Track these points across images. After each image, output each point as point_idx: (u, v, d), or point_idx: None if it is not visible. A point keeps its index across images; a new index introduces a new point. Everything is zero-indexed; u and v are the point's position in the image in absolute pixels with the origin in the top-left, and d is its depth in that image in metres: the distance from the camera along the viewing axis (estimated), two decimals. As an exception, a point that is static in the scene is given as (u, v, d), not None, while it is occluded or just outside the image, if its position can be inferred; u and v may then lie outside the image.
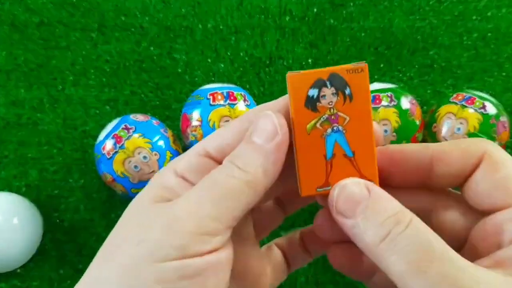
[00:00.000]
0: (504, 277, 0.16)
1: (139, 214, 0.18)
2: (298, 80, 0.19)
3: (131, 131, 0.39)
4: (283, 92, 0.39)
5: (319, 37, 0.49)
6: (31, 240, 0.41)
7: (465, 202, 0.20)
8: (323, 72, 0.18)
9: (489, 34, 0.49)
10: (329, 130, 0.19)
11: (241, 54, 0.49)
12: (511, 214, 0.18)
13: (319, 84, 0.18)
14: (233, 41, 0.49)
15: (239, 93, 0.42)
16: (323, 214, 0.21)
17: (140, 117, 0.41)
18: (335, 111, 0.19)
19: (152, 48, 0.49)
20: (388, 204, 0.18)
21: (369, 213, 0.17)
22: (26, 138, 0.46)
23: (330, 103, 0.19)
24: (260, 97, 0.48)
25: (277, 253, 0.25)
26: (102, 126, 0.41)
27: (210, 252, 0.17)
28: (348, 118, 0.19)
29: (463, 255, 0.17)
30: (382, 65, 0.49)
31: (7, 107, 0.47)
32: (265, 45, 0.49)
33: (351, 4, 0.50)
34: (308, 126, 0.19)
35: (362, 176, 0.19)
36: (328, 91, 0.19)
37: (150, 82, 0.48)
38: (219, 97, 0.41)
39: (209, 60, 0.49)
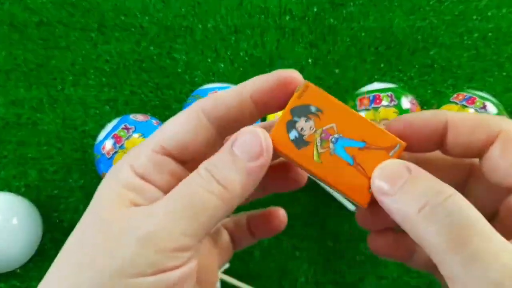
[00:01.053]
0: None
1: (110, 221, 0.18)
2: (277, 136, 0.19)
3: (131, 131, 0.39)
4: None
5: (319, 37, 0.49)
6: (31, 241, 0.40)
7: None
8: (285, 115, 0.19)
9: (489, 34, 0.49)
10: (331, 144, 0.19)
11: (241, 54, 0.49)
12: None
13: (291, 125, 0.19)
14: (233, 41, 0.49)
15: (239, 93, 0.42)
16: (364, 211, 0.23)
17: (140, 117, 0.41)
18: (320, 130, 0.19)
19: (152, 48, 0.49)
20: (429, 178, 0.18)
21: (409, 187, 0.18)
22: (26, 138, 0.46)
23: (311, 128, 0.19)
24: (260, 97, 0.48)
25: (224, 235, 0.26)
26: (102, 126, 0.41)
27: (183, 265, 0.17)
28: (334, 124, 0.19)
29: None
30: (382, 65, 0.49)
31: (6, 107, 0.46)
32: (265, 45, 0.49)
33: (351, 4, 0.50)
34: (315, 158, 0.19)
35: (388, 149, 0.19)
36: (301, 123, 0.19)
37: (150, 82, 0.48)
38: (219, 97, 0.41)
39: (209, 60, 0.49)
